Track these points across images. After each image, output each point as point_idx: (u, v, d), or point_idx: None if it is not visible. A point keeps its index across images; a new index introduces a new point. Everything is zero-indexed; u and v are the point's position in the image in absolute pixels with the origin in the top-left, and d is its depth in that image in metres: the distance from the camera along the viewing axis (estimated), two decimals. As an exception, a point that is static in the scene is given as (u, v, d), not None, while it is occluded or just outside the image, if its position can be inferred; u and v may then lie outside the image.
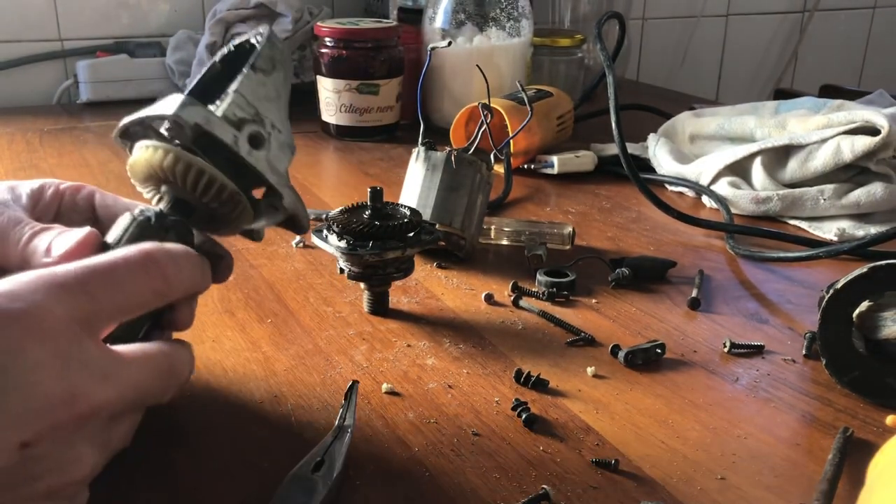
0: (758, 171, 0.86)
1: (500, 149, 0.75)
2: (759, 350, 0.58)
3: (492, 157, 0.73)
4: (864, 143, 0.81)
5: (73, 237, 0.43)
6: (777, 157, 0.86)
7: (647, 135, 1.02)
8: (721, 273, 0.71)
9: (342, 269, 0.60)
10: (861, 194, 0.81)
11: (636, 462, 0.45)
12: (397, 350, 0.56)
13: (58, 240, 0.43)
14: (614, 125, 0.83)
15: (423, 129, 0.74)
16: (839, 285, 0.52)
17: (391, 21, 1.19)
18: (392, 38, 1.11)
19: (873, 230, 0.78)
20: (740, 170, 0.88)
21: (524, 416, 0.48)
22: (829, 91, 1.48)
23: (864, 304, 0.51)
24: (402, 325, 0.60)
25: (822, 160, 0.83)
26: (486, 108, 0.75)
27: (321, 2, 1.38)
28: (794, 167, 0.85)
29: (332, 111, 1.11)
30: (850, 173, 0.84)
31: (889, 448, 0.35)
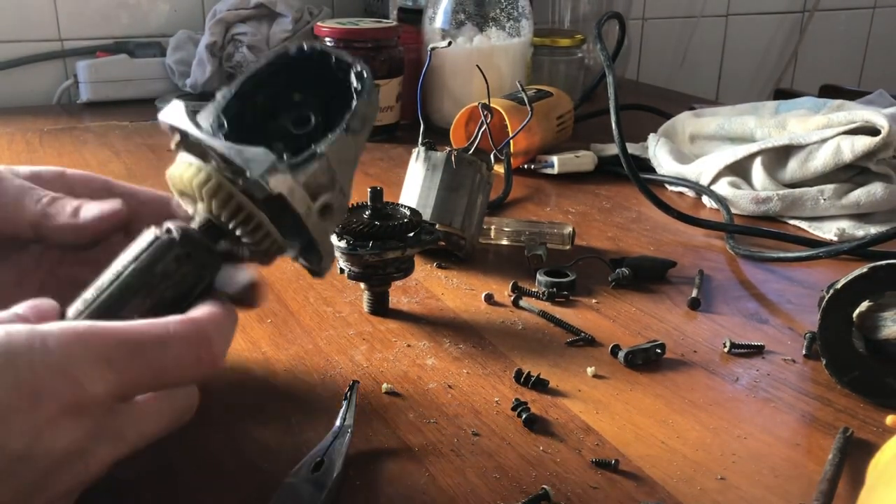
0: (758, 171, 0.86)
1: (500, 149, 0.75)
2: (759, 350, 0.58)
3: (492, 157, 0.73)
4: (864, 143, 0.81)
5: (106, 206, 0.41)
6: (777, 157, 0.86)
7: (647, 135, 1.01)
8: (721, 273, 0.71)
9: (342, 269, 0.60)
10: (861, 194, 0.81)
11: (636, 462, 0.45)
12: (397, 350, 0.56)
13: (88, 205, 0.42)
14: (614, 125, 0.83)
15: (423, 129, 0.74)
16: (839, 285, 0.52)
17: (391, 21, 1.19)
18: (392, 39, 1.11)
19: (873, 230, 0.78)
20: (740, 170, 0.88)
21: (524, 416, 0.48)
22: (829, 91, 1.48)
23: (864, 304, 0.51)
24: (402, 325, 0.60)
25: (822, 160, 0.83)
26: (486, 108, 0.75)
27: (321, 2, 1.38)
28: (794, 167, 0.85)
29: (332, 111, 1.11)
30: (850, 173, 0.84)
31: (889, 448, 0.35)
